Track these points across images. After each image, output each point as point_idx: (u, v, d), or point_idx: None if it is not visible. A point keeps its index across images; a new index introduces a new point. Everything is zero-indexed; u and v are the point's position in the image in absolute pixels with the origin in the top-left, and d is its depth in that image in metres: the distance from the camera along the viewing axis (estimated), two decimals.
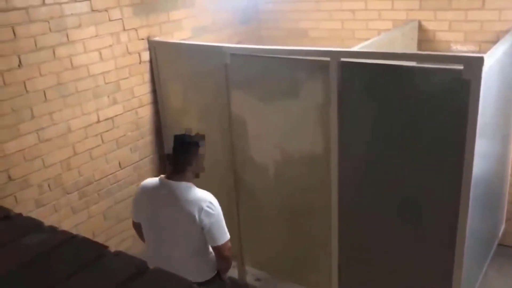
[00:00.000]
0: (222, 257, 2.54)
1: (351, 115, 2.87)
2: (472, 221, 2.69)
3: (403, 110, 2.71)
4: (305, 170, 3.22)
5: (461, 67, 2.39)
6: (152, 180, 2.62)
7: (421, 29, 3.90)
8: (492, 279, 3.68)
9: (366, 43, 3.30)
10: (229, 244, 2.53)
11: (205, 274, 2.61)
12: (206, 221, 2.42)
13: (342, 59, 2.78)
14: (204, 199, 2.46)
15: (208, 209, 2.42)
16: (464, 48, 3.75)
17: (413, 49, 3.86)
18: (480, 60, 2.34)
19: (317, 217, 3.25)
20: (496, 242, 3.91)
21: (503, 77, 3.07)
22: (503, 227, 4.00)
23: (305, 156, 3.19)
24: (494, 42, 3.20)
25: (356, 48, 3.13)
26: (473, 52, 3.56)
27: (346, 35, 4.23)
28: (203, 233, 2.47)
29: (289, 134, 3.21)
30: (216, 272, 2.66)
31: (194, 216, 2.41)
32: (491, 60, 2.56)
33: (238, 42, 4.30)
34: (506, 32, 3.37)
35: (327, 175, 3.04)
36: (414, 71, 2.72)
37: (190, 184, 2.50)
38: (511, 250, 3.97)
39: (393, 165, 2.83)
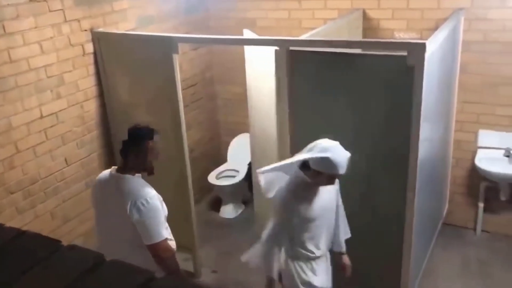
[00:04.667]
0: (154, 257, 2.40)
1: (302, 103, 2.90)
2: (419, 202, 2.80)
3: (352, 97, 2.78)
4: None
5: (405, 53, 2.47)
6: (105, 172, 2.57)
7: (365, 17, 3.99)
8: (438, 256, 3.86)
9: (313, 32, 3.34)
10: (163, 245, 2.37)
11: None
12: (135, 216, 2.34)
13: (291, 48, 2.81)
14: (140, 194, 2.36)
15: (139, 205, 2.33)
16: (407, 36, 3.88)
17: (358, 37, 3.95)
18: (423, 46, 2.43)
19: None
20: (441, 222, 4.11)
21: (444, 63, 3.20)
22: (446, 207, 4.20)
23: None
24: (434, 29, 3.32)
25: (304, 37, 3.16)
26: (415, 39, 3.69)
27: (293, 25, 4.26)
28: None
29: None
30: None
31: (125, 209, 2.35)
32: (433, 46, 2.66)
33: (186, 33, 4.23)
34: (445, 19, 3.51)
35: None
36: (361, 58, 2.79)
37: (134, 178, 2.43)
38: (454, 228, 4.17)
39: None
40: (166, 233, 2.40)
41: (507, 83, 3.70)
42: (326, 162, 2.28)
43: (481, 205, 4.05)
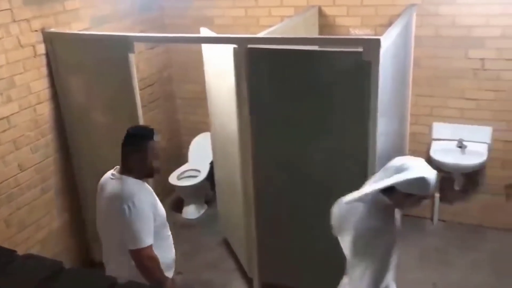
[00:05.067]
0: (136, 265, 2.30)
1: (262, 101, 2.91)
2: None
3: (310, 94, 2.80)
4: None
5: (361, 49, 2.52)
6: (107, 173, 2.48)
7: (321, 14, 4.04)
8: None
9: (270, 29, 3.36)
10: (146, 253, 2.27)
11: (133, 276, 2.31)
12: (120, 219, 2.27)
13: (250, 46, 2.80)
14: (129, 197, 2.27)
15: (125, 207, 2.24)
16: (362, 32, 3.95)
17: (314, 34, 3.99)
18: (378, 42, 2.48)
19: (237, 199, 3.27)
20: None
21: (397, 58, 3.28)
22: None
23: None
24: (388, 25, 3.40)
25: (261, 35, 3.16)
26: (369, 35, 3.76)
27: (250, 22, 4.26)
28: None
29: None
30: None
31: (114, 211, 2.29)
32: (387, 42, 2.72)
33: (141, 32, 4.16)
34: (398, 16, 3.60)
35: (244, 163, 3.07)
36: (318, 55, 2.82)
37: (128, 179, 2.34)
38: (412, 219, 4.28)
39: (304, 148, 2.92)
40: (151, 240, 2.29)
41: (457, 76, 3.84)
42: (421, 183, 2.05)
43: (436, 195, 4.19)
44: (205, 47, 3.60)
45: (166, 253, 2.48)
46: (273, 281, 3.31)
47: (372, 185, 2.17)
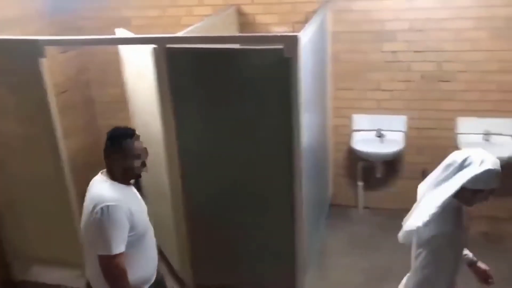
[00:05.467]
0: (102, 272, 2.22)
1: (184, 101, 2.86)
2: (307, 188, 2.93)
3: (233, 92, 2.80)
4: None
5: (281, 46, 2.55)
6: (98, 174, 2.39)
7: (240, 13, 4.05)
8: (329, 236, 4.08)
9: (189, 28, 3.31)
10: (115, 261, 2.17)
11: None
12: (93, 223, 2.18)
13: (169, 46, 2.75)
14: (103, 200, 2.19)
15: (98, 210, 2.16)
16: (280, 29, 4.02)
17: (234, 32, 4.00)
18: (296, 39, 2.52)
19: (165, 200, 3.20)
20: (328, 203, 4.35)
21: (316, 53, 3.36)
22: (330, 189, 4.46)
23: None
24: (305, 22, 3.48)
25: (180, 34, 3.11)
26: (288, 32, 3.83)
27: (170, 22, 4.18)
28: None
29: None
30: None
31: (88, 214, 2.22)
32: (305, 38, 2.78)
33: (54, 35, 3.93)
34: (314, 12, 3.69)
35: (170, 163, 3.01)
36: (239, 53, 2.82)
37: (106, 182, 2.28)
38: (339, 208, 4.44)
39: (229, 146, 2.91)
40: (121, 248, 2.19)
41: (374, 69, 4.02)
42: (490, 175, 1.90)
43: (360, 183, 4.36)
44: (123, 49, 3.47)
45: (143, 266, 2.37)
46: (207, 282, 3.28)
47: (440, 192, 2.00)
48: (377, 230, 4.17)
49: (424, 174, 2.24)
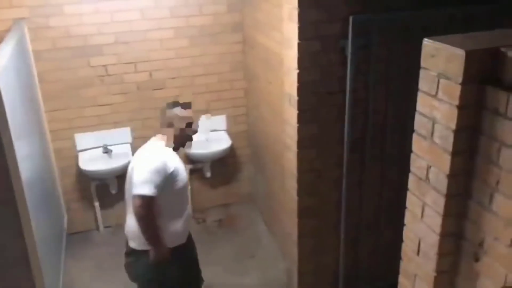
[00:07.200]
0: (133, 208, 2.49)
1: None
2: (37, 222, 2.64)
3: None
4: None
5: None
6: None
7: None
8: (71, 266, 3.80)
9: None
10: (144, 201, 2.42)
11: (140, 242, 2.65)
12: (138, 166, 2.51)
13: None
14: (151, 150, 2.59)
15: (147, 156, 2.55)
16: None
17: None
18: None
19: None
20: (65, 233, 4.03)
21: (20, 76, 3.05)
22: (65, 217, 4.15)
23: None
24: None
25: None
26: None
27: None
28: None
29: None
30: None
31: (137, 161, 2.57)
32: (3, 60, 2.49)
33: None
34: (7, 31, 3.34)
35: None
36: None
37: (158, 141, 2.63)
38: (77, 235, 4.19)
39: None
40: (154, 192, 2.43)
41: (86, 85, 3.90)
42: None
43: (96, 204, 4.21)
44: None
45: (177, 222, 2.65)
46: None
47: None
48: (122, 247, 4.09)
49: None
